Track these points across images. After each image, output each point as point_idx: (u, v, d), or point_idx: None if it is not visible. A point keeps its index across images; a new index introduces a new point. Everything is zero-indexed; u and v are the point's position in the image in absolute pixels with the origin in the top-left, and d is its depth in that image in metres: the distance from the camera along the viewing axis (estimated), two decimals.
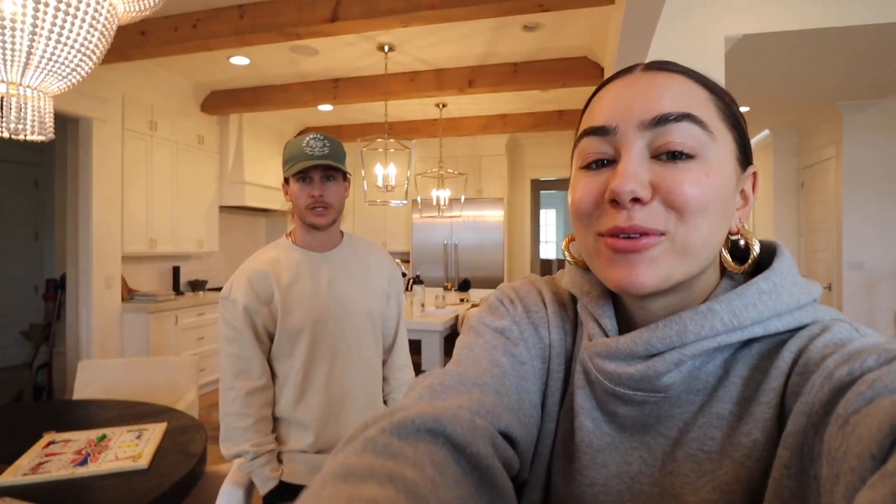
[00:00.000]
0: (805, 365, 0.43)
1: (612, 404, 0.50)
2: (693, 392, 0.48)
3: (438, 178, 6.19)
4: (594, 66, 4.49)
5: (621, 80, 0.51)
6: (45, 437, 1.65)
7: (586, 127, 0.51)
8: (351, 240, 1.58)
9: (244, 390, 1.36)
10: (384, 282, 1.57)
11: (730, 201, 0.49)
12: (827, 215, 6.29)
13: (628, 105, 0.48)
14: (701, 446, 0.46)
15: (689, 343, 0.46)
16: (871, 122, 5.77)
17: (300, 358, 1.40)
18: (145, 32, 3.69)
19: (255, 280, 1.40)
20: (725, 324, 0.45)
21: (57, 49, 1.43)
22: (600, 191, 0.48)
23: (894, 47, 4.13)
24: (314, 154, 1.38)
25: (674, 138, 0.46)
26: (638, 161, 0.46)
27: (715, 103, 0.49)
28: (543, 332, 0.58)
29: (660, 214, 0.45)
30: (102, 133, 4.37)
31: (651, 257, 0.45)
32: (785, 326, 0.46)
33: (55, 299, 4.63)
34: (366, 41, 4.19)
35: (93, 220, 4.30)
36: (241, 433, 1.36)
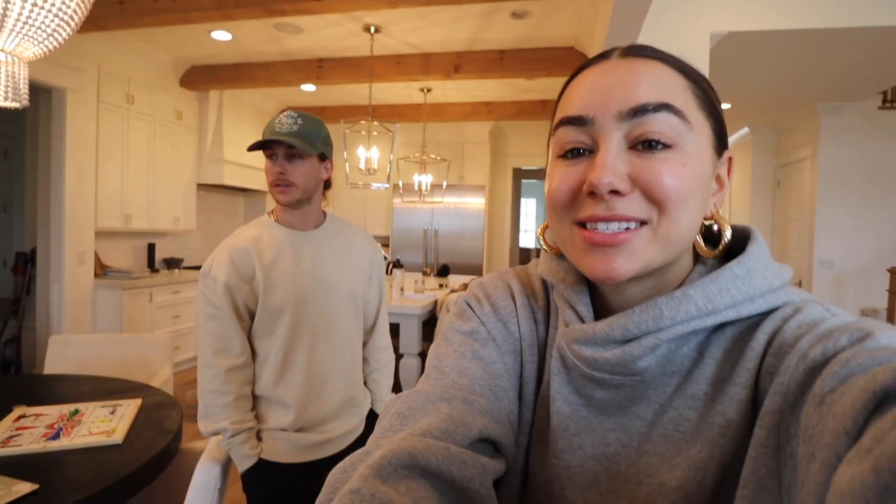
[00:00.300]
0: (779, 346, 0.43)
1: (589, 388, 0.51)
2: (668, 374, 0.48)
3: (421, 164, 6.16)
4: (581, 56, 4.49)
5: (599, 66, 0.50)
6: (15, 411, 1.62)
7: (563, 116, 0.50)
8: (334, 220, 1.56)
9: (224, 367, 1.34)
10: (366, 263, 1.56)
11: (707, 189, 0.49)
12: (801, 213, 6.41)
13: (606, 95, 0.47)
14: (676, 427, 0.46)
15: (665, 328, 0.46)
16: (848, 123, 5.88)
17: (281, 337, 1.39)
18: (124, 2, 3.59)
19: (237, 257, 1.37)
20: (700, 308, 0.46)
21: (34, 12, 1.38)
22: (578, 182, 0.47)
23: (873, 50, 4.21)
24: (280, 130, 1.35)
25: (652, 128, 0.45)
26: (616, 153, 0.46)
27: (693, 91, 0.49)
28: (513, 326, 0.59)
29: (640, 205, 0.45)
30: (76, 104, 4.26)
31: (631, 250, 0.46)
32: (758, 309, 0.47)
33: (25, 273, 4.52)
34: (352, 21, 4.14)
35: (65, 193, 4.20)
36: (220, 410, 1.34)
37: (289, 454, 1.39)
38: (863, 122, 5.83)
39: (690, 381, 0.47)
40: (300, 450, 1.40)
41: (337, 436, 1.46)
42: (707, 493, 0.43)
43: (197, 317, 1.41)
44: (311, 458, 1.41)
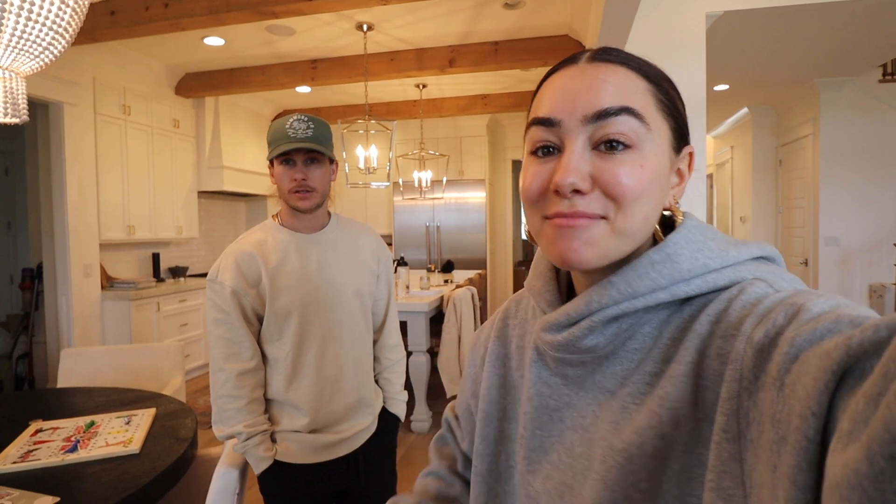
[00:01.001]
0: (726, 328, 0.45)
1: (562, 368, 0.57)
2: (632, 351, 0.52)
3: (420, 160, 6.15)
4: (576, 44, 4.47)
5: (568, 70, 0.54)
6: (31, 426, 1.63)
7: (535, 116, 0.54)
8: (339, 220, 1.56)
9: (235, 372, 1.34)
10: (373, 262, 1.56)
11: (665, 184, 0.53)
12: (804, 192, 6.38)
13: (572, 99, 0.51)
14: (633, 399, 0.50)
15: (595, 312, 0.51)
16: (848, 99, 5.85)
17: (290, 340, 1.39)
18: (115, 12, 3.58)
19: (243, 262, 1.37)
20: (622, 293, 0.50)
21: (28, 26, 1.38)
22: (546, 180, 0.52)
23: (871, 23, 4.18)
24: (297, 136, 1.35)
25: (612, 130, 0.49)
26: (580, 154, 0.50)
27: (653, 94, 0.53)
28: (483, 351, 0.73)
29: (600, 202, 0.50)
30: (74, 118, 4.26)
31: (590, 237, 0.50)
32: (697, 290, 0.49)
33: (32, 289, 4.53)
34: (344, 20, 4.13)
35: (67, 207, 4.21)
36: (233, 414, 1.35)
37: (303, 455, 1.39)
38: (863, 97, 5.79)
39: (649, 358, 0.51)
40: (314, 450, 1.40)
41: (350, 435, 1.46)
42: (647, 458, 0.47)
43: (207, 322, 1.42)
44: (326, 459, 1.42)
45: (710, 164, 8.84)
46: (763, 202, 7.25)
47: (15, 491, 1.22)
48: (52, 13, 1.40)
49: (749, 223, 7.39)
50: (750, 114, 7.16)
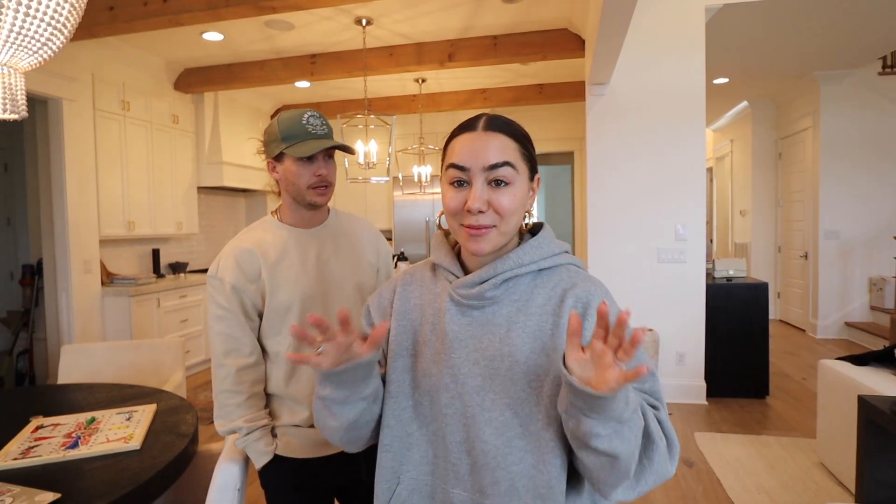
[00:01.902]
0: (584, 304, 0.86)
1: (468, 311, 0.91)
2: (514, 301, 0.90)
3: (419, 155, 6.14)
4: (574, 38, 4.46)
5: (471, 134, 0.87)
6: (32, 422, 1.63)
7: (452, 162, 0.87)
8: (337, 215, 1.56)
9: (235, 367, 1.35)
10: (372, 256, 1.56)
11: (525, 201, 0.90)
12: (804, 185, 6.37)
13: (476, 155, 0.85)
14: (522, 329, 0.87)
15: (498, 274, 0.89)
16: (848, 92, 5.83)
17: (289, 335, 1.38)
18: (114, 8, 3.57)
19: (242, 259, 1.37)
20: (515, 262, 0.89)
21: (27, 22, 1.37)
22: (462, 202, 0.86)
23: (870, 15, 4.16)
24: (317, 133, 1.37)
25: (499, 175, 0.85)
26: (481, 189, 0.85)
27: (519, 150, 0.88)
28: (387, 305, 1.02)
29: (492, 216, 0.86)
30: (73, 113, 4.25)
31: (487, 239, 0.87)
32: (551, 264, 0.92)
33: (32, 285, 4.54)
34: (343, 14, 4.11)
35: (67, 203, 4.21)
36: (234, 409, 1.35)
37: (304, 449, 1.39)
38: (863, 90, 5.78)
39: (529, 303, 0.89)
40: (315, 444, 1.40)
41: None
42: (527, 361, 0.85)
43: (208, 319, 1.41)
44: (327, 453, 1.41)
45: (709, 158, 8.82)
46: (763, 195, 7.24)
47: (16, 487, 1.23)
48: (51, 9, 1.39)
49: (749, 216, 7.38)
50: (749, 107, 7.15)
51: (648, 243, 4.11)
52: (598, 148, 4.17)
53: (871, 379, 2.58)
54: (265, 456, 1.36)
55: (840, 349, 5.52)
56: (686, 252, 4.05)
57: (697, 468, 3.01)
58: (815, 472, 2.91)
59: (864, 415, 2.08)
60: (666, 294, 4.09)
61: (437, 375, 0.90)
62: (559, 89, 6.21)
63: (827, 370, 2.89)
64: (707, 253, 4.26)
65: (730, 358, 4.14)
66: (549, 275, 0.91)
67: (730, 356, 4.14)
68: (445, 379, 0.89)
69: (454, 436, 0.87)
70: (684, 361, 4.08)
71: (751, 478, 2.87)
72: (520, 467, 0.82)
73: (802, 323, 6.50)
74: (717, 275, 4.42)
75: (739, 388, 4.15)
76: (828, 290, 6.02)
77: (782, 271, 7.05)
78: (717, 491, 2.76)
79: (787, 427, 3.57)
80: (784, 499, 2.65)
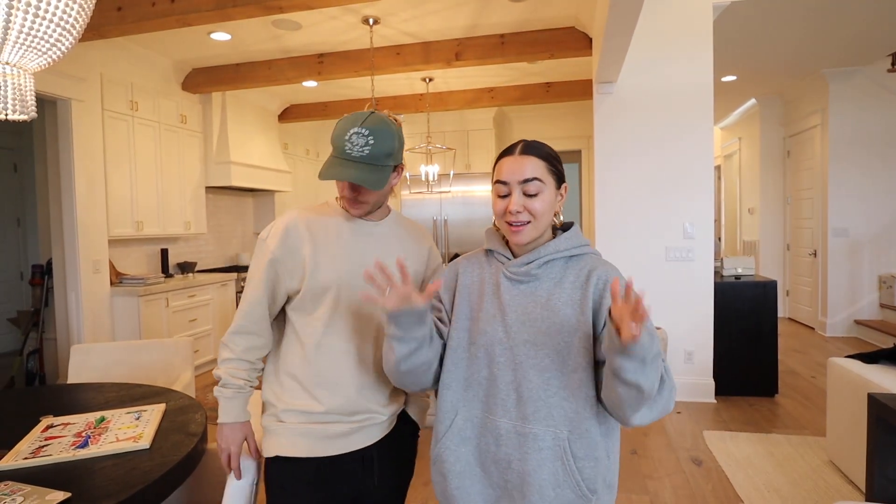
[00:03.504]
0: (601, 282, 1.14)
1: (517, 284, 1.19)
2: (551, 277, 1.17)
3: (427, 154, 6.15)
4: (582, 36, 4.44)
5: (510, 157, 1.16)
6: (42, 422, 1.64)
7: (498, 178, 1.17)
8: (397, 217, 1.54)
9: (236, 329, 1.39)
10: (421, 265, 1.51)
11: (553, 205, 1.18)
12: (813, 182, 6.33)
13: (513, 173, 1.14)
14: (558, 299, 1.14)
15: (542, 257, 1.17)
16: (857, 89, 5.78)
17: (322, 318, 1.36)
18: (122, 8, 3.59)
19: (291, 230, 1.38)
20: (553, 249, 1.18)
21: (36, 23, 1.38)
22: (504, 207, 1.16)
23: (879, 12, 4.13)
24: (351, 154, 1.32)
25: (529, 188, 1.14)
26: (518, 197, 1.14)
27: (546, 167, 1.16)
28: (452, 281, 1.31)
29: (527, 216, 1.15)
30: (81, 114, 4.27)
31: (525, 232, 1.15)
32: (578, 252, 1.19)
33: (42, 285, 4.57)
34: (350, 14, 4.11)
35: (76, 203, 4.23)
36: (223, 361, 1.39)
37: (313, 446, 1.33)
38: (872, 87, 5.73)
39: (563, 280, 1.16)
40: (326, 440, 1.34)
41: (364, 427, 1.38)
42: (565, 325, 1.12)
43: (248, 273, 1.44)
44: (337, 452, 1.35)
45: (717, 156, 8.78)
46: (771, 193, 7.20)
47: (27, 486, 1.24)
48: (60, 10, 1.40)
49: (757, 214, 7.34)
50: (758, 105, 7.10)
51: (656, 241, 4.09)
52: (606, 146, 4.16)
53: (881, 377, 2.56)
54: (228, 416, 1.37)
55: (849, 347, 5.48)
56: (694, 250, 4.03)
57: (706, 466, 3.00)
58: (825, 471, 2.89)
59: (874, 412, 2.06)
60: (674, 292, 4.07)
61: (492, 333, 1.17)
62: (566, 88, 6.19)
63: (836, 368, 2.87)
64: (715, 251, 4.24)
65: (739, 356, 4.12)
66: (577, 260, 1.19)
67: (738, 354, 4.12)
68: (500, 334, 1.16)
69: (504, 377, 1.14)
70: (693, 360, 4.06)
71: (760, 476, 2.85)
72: (555, 399, 1.10)
73: (811, 321, 6.46)
74: (726, 273, 4.39)
75: (748, 387, 4.13)
76: (837, 288, 5.98)
77: (791, 269, 7.01)
78: (727, 489, 2.74)
79: (797, 425, 3.55)
80: (794, 497, 2.63)
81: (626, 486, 2.82)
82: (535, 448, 1.09)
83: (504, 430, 1.12)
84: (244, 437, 1.40)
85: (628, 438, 3.43)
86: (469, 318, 1.23)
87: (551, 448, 1.09)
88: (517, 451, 1.11)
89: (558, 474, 1.08)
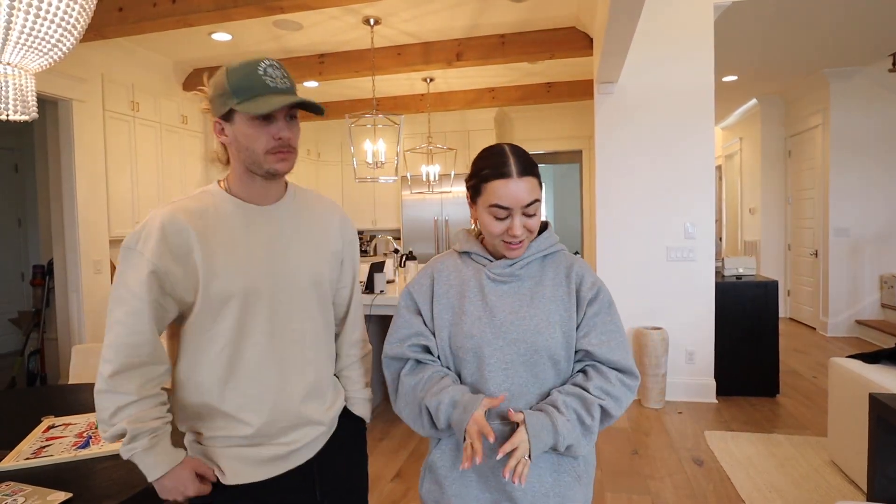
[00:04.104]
0: (579, 276, 1.20)
1: (501, 284, 1.19)
2: (530, 277, 1.20)
3: (427, 154, 6.15)
4: (583, 36, 4.44)
5: (511, 179, 1.11)
6: (44, 422, 1.64)
7: (498, 203, 1.12)
8: (297, 192, 1.30)
9: (125, 365, 1.09)
10: (337, 243, 1.32)
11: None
12: (814, 182, 6.33)
13: (515, 199, 1.11)
14: (542, 296, 1.17)
15: (525, 258, 1.19)
16: (858, 89, 5.78)
17: (226, 334, 1.13)
18: (123, 9, 3.59)
19: (171, 232, 1.11)
20: (535, 250, 1.21)
21: (37, 24, 1.38)
22: (504, 229, 1.14)
23: (880, 13, 4.13)
24: (278, 87, 1.12)
25: (529, 210, 1.13)
26: (519, 221, 1.13)
27: (539, 183, 1.15)
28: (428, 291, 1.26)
29: (525, 233, 1.15)
30: (82, 114, 4.28)
31: (522, 247, 1.17)
32: (552, 250, 1.23)
33: (43, 285, 4.57)
34: (350, 14, 4.12)
35: (77, 204, 4.23)
36: (116, 412, 1.07)
37: (251, 471, 1.17)
38: (873, 87, 5.73)
39: (542, 278, 1.20)
40: (261, 463, 1.17)
41: (301, 447, 1.22)
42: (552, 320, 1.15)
43: (110, 291, 1.14)
44: (275, 473, 1.19)
45: (718, 156, 8.77)
46: (772, 193, 7.19)
47: (28, 487, 1.24)
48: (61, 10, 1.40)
49: (758, 214, 7.33)
50: (758, 105, 7.10)
51: (657, 241, 4.09)
52: (607, 146, 4.16)
53: (883, 377, 2.55)
54: (157, 469, 1.09)
55: (851, 347, 5.48)
56: (695, 250, 4.03)
57: (708, 466, 3.00)
58: (826, 471, 2.89)
59: (876, 413, 2.06)
60: (675, 292, 4.07)
61: (480, 335, 1.15)
62: (567, 88, 6.19)
63: (838, 368, 2.87)
64: (716, 251, 4.24)
65: (740, 356, 4.12)
66: (552, 258, 1.23)
67: (740, 354, 4.11)
68: (488, 336, 1.15)
69: (495, 378, 1.14)
70: (694, 360, 4.06)
71: (761, 476, 2.85)
72: (545, 391, 1.15)
73: (813, 321, 6.46)
74: (727, 273, 4.39)
75: (749, 387, 4.12)
76: (838, 288, 5.97)
77: (792, 269, 7.00)
78: (728, 489, 2.74)
79: (798, 425, 3.55)
80: (795, 497, 2.63)
81: (627, 487, 2.82)
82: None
83: (498, 431, 1.11)
84: (192, 470, 1.14)
85: (629, 439, 3.42)
86: (452, 324, 1.20)
87: None
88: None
89: (553, 461, 1.14)
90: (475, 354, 1.15)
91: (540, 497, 1.12)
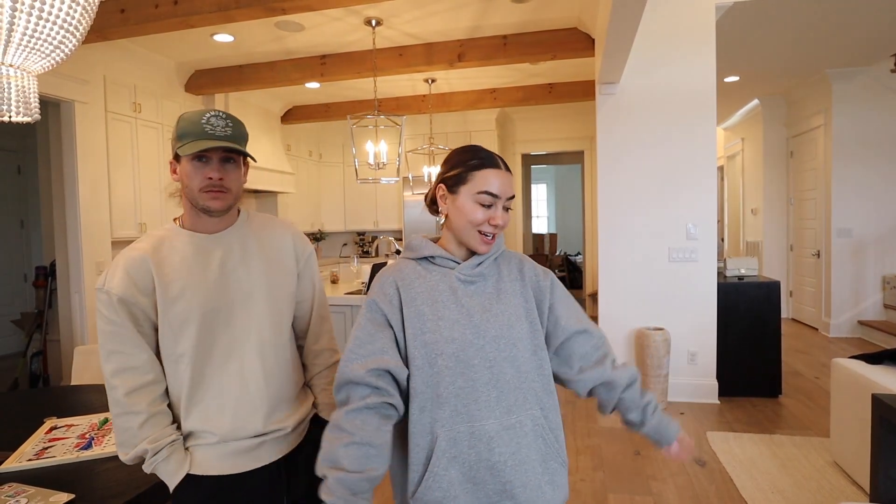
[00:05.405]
0: (533, 274, 1.28)
1: (470, 285, 1.21)
2: (492, 275, 1.23)
3: (429, 155, 6.15)
4: (584, 37, 4.44)
5: (498, 171, 1.18)
6: (46, 423, 1.64)
7: (489, 190, 1.16)
8: (249, 217, 1.42)
9: (128, 388, 1.21)
10: (290, 260, 1.42)
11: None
12: (816, 183, 6.32)
13: (504, 189, 1.18)
14: (506, 292, 1.22)
15: (488, 258, 1.23)
16: (860, 89, 5.77)
17: (188, 354, 1.24)
18: (125, 10, 3.60)
19: (133, 268, 1.23)
20: (494, 250, 1.23)
21: (39, 25, 1.38)
22: (487, 217, 1.17)
23: (882, 13, 4.12)
24: (215, 134, 1.25)
25: (508, 204, 1.20)
26: (501, 211, 1.18)
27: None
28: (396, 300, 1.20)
29: (502, 225, 1.19)
30: (85, 116, 4.29)
31: (493, 243, 1.21)
32: (502, 250, 1.28)
33: (46, 287, 4.58)
34: (352, 15, 4.12)
35: (79, 205, 4.24)
36: (135, 433, 1.20)
37: (220, 464, 1.27)
38: (876, 87, 5.71)
39: (501, 276, 1.24)
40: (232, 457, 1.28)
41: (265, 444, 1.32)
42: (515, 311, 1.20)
43: (98, 337, 1.26)
44: (246, 468, 1.29)
45: (720, 157, 8.76)
46: (774, 194, 7.18)
47: (31, 488, 1.24)
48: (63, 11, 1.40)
49: (760, 215, 7.32)
50: (760, 105, 7.09)
51: (659, 242, 4.09)
52: (609, 147, 4.16)
53: (886, 377, 2.55)
54: (177, 475, 1.23)
55: (853, 348, 5.47)
56: (697, 251, 4.03)
57: (710, 467, 2.99)
58: (829, 472, 2.88)
59: (879, 413, 2.06)
60: (677, 293, 4.06)
61: (461, 338, 1.14)
62: (569, 89, 6.19)
63: (840, 369, 2.86)
64: (718, 252, 4.23)
65: (742, 357, 4.11)
66: (502, 257, 1.28)
67: (742, 355, 4.11)
68: (469, 337, 1.14)
69: (482, 378, 1.13)
70: (696, 361, 4.05)
71: (764, 477, 2.85)
72: (527, 384, 1.17)
73: (815, 322, 6.45)
74: (729, 274, 4.38)
75: (752, 387, 4.12)
76: (840, 289, 5.96)
77: (794, 270, 6.99)
78: (731, 490, 2.74)
79: (801, 426, 3.54)
80: (798, 498, 2.62)
81: (629, 488, 2.81)
82: (521, 434, 1.13)
83: (494, 431, 1.11)
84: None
85: (632, 440, 3.42)
86: (425, 332, 1.15)
87: (532, 429, 1.15)
88: (510, 447, 1.11)
89: (541, 450, 1.16)
90: (457, 359, 1.13)
91: (536, 488, 1.14)
